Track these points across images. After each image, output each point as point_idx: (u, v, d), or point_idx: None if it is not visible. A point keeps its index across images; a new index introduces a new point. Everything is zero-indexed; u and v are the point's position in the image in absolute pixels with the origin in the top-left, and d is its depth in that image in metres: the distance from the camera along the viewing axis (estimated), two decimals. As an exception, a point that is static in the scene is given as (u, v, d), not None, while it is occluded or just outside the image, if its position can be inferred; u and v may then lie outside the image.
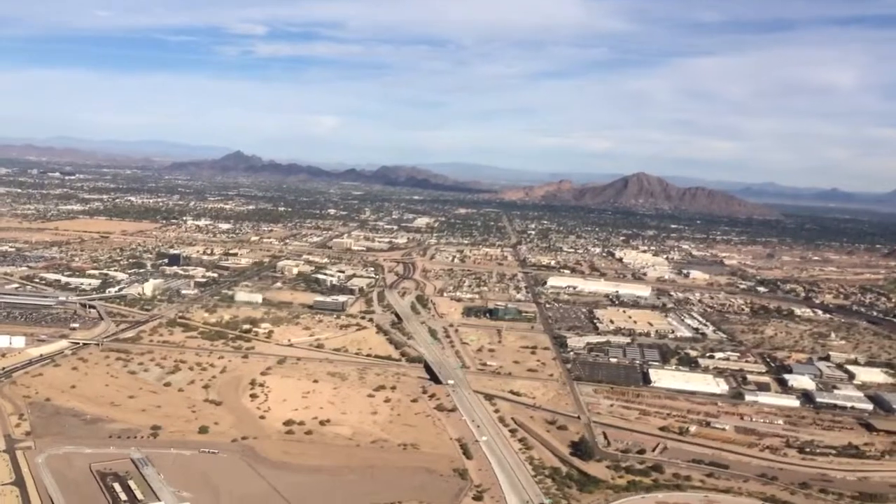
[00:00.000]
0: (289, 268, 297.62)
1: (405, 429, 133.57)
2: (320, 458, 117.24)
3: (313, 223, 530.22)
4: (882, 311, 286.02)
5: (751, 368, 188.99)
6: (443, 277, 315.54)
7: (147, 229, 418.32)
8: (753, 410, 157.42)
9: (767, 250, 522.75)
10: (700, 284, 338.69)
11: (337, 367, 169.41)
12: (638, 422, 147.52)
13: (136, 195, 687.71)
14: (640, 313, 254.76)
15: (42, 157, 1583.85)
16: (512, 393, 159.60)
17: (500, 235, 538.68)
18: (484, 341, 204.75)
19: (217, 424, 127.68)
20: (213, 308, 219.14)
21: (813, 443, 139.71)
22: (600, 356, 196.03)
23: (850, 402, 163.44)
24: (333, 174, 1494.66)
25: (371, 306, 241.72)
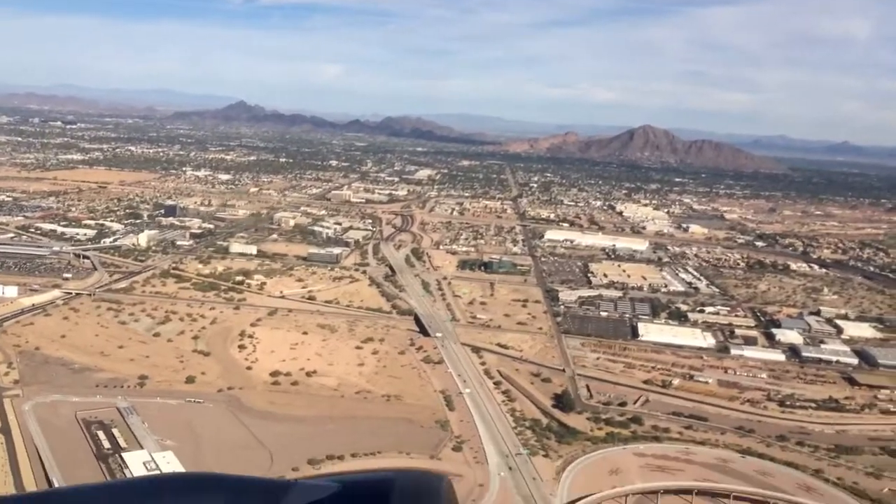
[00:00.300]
0: (285, 220, 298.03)
1: (390, 380, 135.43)
2: (304, 408, 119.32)
3: (314, 175, 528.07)
4: (878, 266, 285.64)
5: (740, 322, 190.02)
6: (440, 230, 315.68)
7: (146, 180, 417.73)
8: (738, 364, 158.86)
9: (770, 205, 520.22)
10: (698, 239, 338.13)
11: (327, 318, 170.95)
12: (622, 375, 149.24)
13: (136, 145, 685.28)
14: (635, 267, 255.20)
15: (44, 106, 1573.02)
16: (499, 346, 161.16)
17: (501, 188, 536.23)
18: (476, 294, 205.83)
19: (204, 374, 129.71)
20: (206, 259, 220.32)
21: (794, 396, 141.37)
22: (591, 310, 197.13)
23: (835, 357, 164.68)
24: (337, 125, 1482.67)
25: (366, 259, 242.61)
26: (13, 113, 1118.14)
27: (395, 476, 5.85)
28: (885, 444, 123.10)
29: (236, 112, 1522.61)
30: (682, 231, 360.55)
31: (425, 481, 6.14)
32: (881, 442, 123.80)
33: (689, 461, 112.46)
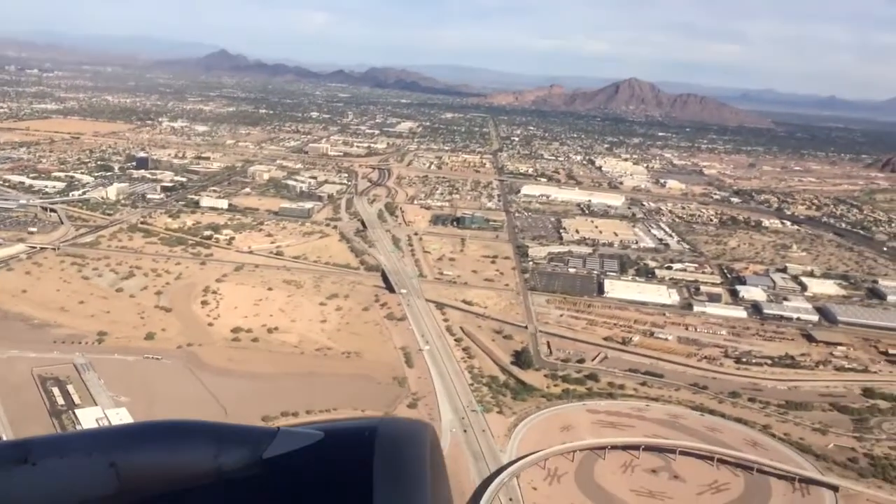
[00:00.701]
0: (259, 173, 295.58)
1: (352, 337, 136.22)
2: (263, 365, 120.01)
3: (293, 127, 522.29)
4: (850, 223, 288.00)
5: (706, 279, 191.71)
6: (416, 184, 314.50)
7: (120, 130, 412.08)
8: (699, 321, 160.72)
9: (750, 160, 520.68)
10: (675, 194, 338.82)
11: (294, 274, 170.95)
12: (584, 332, 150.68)
13: (113, 94, 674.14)
14: (608, 223, 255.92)
15: (22, 53, 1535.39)
16: (464, 302, 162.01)
17: (482, 142, 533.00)
18: (446, 250, 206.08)
19: (164, 331, 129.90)
20: (176, 213, 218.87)
21: (751, 353, 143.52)
22: (560, 266, 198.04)
23: (796, 314, 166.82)
24: (321, 75, 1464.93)
25: (338, 213, 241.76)
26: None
27: (378, 423, 5.86)
28: (835, 400, 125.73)
29: (218, 61, 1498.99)
30: (659, 186, 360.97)
31: (409, 428, 6.15)
32: (832, 398, 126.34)
33: (641, 417, 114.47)
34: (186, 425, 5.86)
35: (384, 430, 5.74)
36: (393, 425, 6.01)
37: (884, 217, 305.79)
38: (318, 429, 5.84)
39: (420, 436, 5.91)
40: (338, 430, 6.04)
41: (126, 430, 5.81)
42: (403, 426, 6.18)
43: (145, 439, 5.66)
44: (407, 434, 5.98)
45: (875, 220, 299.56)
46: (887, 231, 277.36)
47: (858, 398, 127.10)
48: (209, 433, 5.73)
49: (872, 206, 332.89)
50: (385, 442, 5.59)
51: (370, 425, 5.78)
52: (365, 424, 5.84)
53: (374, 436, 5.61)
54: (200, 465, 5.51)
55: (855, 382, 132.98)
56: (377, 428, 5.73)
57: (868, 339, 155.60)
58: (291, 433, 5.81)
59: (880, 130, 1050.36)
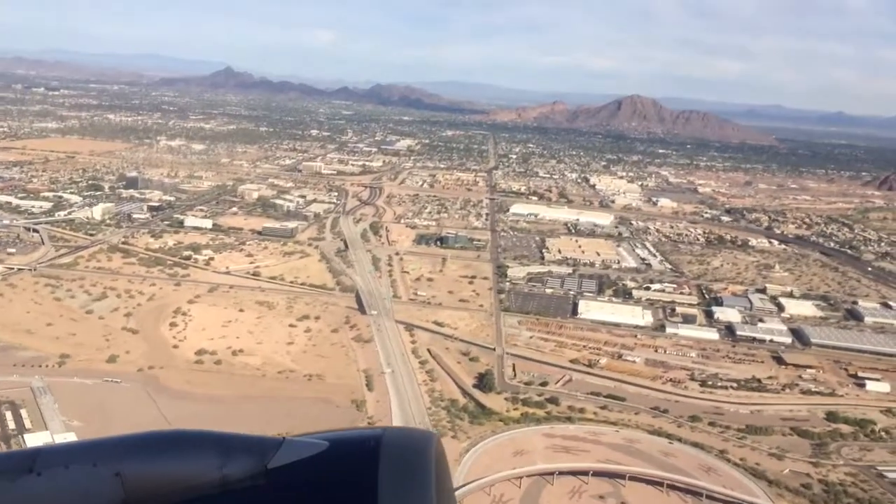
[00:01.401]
0: (249, 192, 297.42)
1: (316, 359, 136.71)
2: (222, 388, 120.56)
3: (290, 145, 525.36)
4: (839, 242, 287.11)
5: (682, 300, 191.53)
6: (406, 203, 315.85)
7: (117, 149, 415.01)
8: (670, 343, 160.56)
9: (747, 178, 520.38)
10: (665, 213, 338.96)
11: (268, 295, 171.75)
12: (552, 354, 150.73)
13: (116, 113, 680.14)
14: (592, 242, 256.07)
15: (31, 71, 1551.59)
16: (435, 323, 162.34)
17: (480, 159, 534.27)
18: (425, 270, 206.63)
19: (128, 353, 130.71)
20: (159, 233, 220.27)
21: (717, 376, 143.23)
22: (537, 287, 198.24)
23: (769, 336, 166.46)
24: (326, 92, 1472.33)
25: (322, 233, 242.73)
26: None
27: (383, 432, 5.84)
28: (797, 424, 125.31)
29: (223, 79, 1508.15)
30: (651, 205, 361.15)
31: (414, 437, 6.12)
32: (793, 422, 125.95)
33: (596, 442, 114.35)
34: (191, 435, 5.90)
35: (389, 440, 5.75)
36: (398, 434, 6.00)
37: (874, 236, 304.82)
38: (322, 438, 5.91)
39: (425, 445, 5.92)
40: (342, 440, 6.06)
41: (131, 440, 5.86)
42: (408, 435, 6.17)
43: (150, 449, 5.72)
44: (412, 443, 5.97)
45: (865, 239, 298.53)
46: (876, 250, 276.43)
47: (821, 422, 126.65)
48: (214, 443, 5.77)
49: (864, 224, 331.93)
50: (390, 451, 5.60)
51: (375, 434, 5.80)
52: (370, 434, 5.86)
53: (378, 445, 5.64)
54: (205, 475, 5.54)
55: (820, 406, 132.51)
56: (382, 437, 5.75)
57: (839, 362, 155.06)
58: (296, 443, 5.86)
59: (885, 147, 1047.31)
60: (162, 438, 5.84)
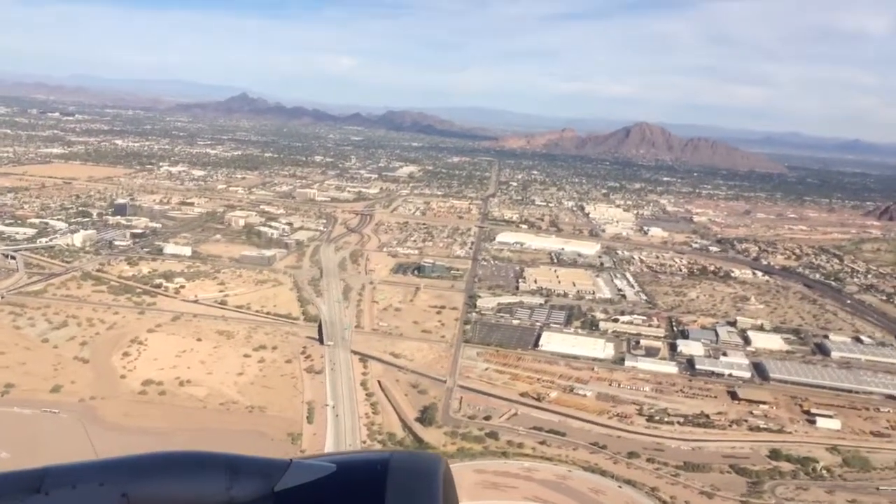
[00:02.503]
0: (236, 219, 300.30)
1: (262, 391, 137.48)
2: (159, 420, 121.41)
3: (291, 171, 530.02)
4: (825, 274, 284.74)
5: (649, 332, 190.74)
6: (393, 231, 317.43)
7: (116, 175, 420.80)
8: (627, 376, 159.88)
9: (747, 206, 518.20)
10: (654, 243, 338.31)
11: (230, 324, 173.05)
12: (504, 387, 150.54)
13: (125, 138, 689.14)
14: (571, 273, 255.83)
15: (51, 96, 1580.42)
16: (392, 354, 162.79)
17: (480, 186, 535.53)
18: (395, 300, 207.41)
19: (74, 383, 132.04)
20: (136, 261, 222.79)
21: (666, 411, 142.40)
22: (505, 317, 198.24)
23: (729, 370, 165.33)
24: (339, 118, 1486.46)
25: (301, 261, 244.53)
26: (16, 103, 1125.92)
27: (390, 456, 5.87)
28: (737, 461, 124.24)
29: (238, 104, 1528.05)
30: (641, 234, 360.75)
31: (422, 461, 6.10)
32: (734, 459, 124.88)
33: (528, 478, 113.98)
34: (199, 456, 5.99)
35: (396, 463, 5.77)
36: (406, 458, 6.02)
37: (863, 268, 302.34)
38: (330, 461, 5.95)
39: (433, 469, 5.89)
40: (350, 463, 6.07)
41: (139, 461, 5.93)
42: (416, 459, 6.19)
43: (158, 470, 5.79)
44: (420, 467, 5.96)
45: (853, 270, 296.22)
46: (861, 283, 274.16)
47: (763, 460, 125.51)
48: (222, 465, 5.81)
49: (856, 256, 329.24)
50: (397, 475, 5.61)
51: (382, 458, 5.85)
52: (377, 457, 5.90)
53: (386, 468, 5.66)
54: (212, 497, 5.57)
55: (765, 443, 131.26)
56: (389, 460, 5.78)
57: (796, 397, 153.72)
58: (304, 465, 5.90)
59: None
60: (169, 459, 5.96)
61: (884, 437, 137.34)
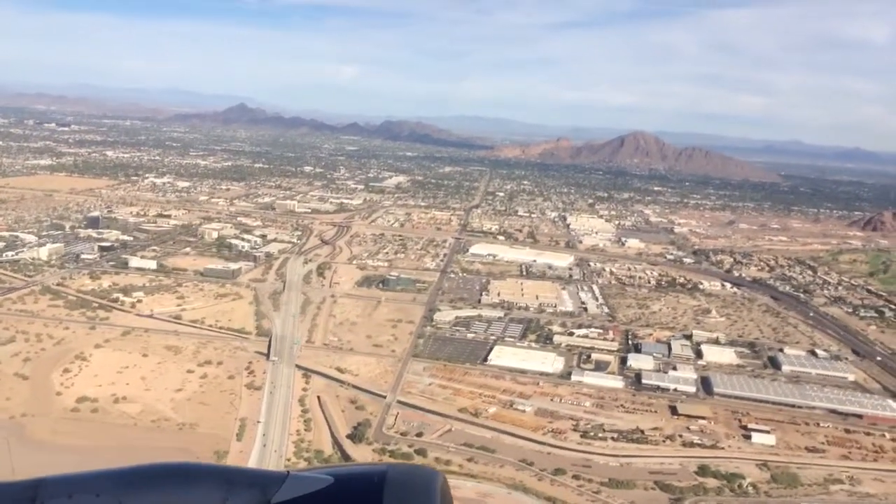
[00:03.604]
0: (209, 232, 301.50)
1: (198, 407, 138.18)
2: (86, 438, 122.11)
3: (277, 182, 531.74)
4: (796, 286, 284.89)
5: (602, 346, 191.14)
6: (367, 243, 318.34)
7: (99, 187, 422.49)
8: (571, 391, 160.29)
9: (732, 217, 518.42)
10: (629, 254, 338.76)
11: (180, 340, 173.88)
12: (444, 402, 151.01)
13: (117, 149, 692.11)
14: (537, 285, 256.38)
15: (52, 106, 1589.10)
16: (338, 369, 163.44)
17: (466, 197, 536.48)
18: (353, 313, 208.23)
19: (8, 400, 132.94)
20: (98, 275, 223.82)
21: (602, 426, 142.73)
22: (461, 331, 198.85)
23: (675, 384, 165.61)
24: (336, 128, 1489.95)
25: (266, 274, 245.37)
26: (14, 113, 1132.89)
27: (387, 469, 5.82)
28: (664, 477, 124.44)
29: (236, 114, 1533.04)
30: (618, 245, 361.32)
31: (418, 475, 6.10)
32: (661, 475, 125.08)
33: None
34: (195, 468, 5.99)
35: (393, 476, 5.72)
36: (402, 471, 5.97)
37: (835, 279, 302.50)
38: (327, 473, 5.98)
39: (429, 483, 5.90)
40: (347, 475, 6.10)
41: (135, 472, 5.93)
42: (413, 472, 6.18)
43: (154, 481, 5.79)
44: (416, 480, 5.96)
45: (824, 282, 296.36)
46: (831, 295, 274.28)
47: (690, 476, 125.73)
48: (218, 476, 5.83)
49: (830, 267, 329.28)
50: (394, 488, 5.60)
51: (379, 471, 5.80)
52: (374, 470, 5.87)
53: (383, 481, 5.64)
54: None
55: (695, 459, 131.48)
56: (386, 473, 5.74)
57: (737, 412, 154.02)
58: (301, 478, 5.94)
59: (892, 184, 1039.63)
60: (165, 471, 5.96)
61: (818, 452, 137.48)
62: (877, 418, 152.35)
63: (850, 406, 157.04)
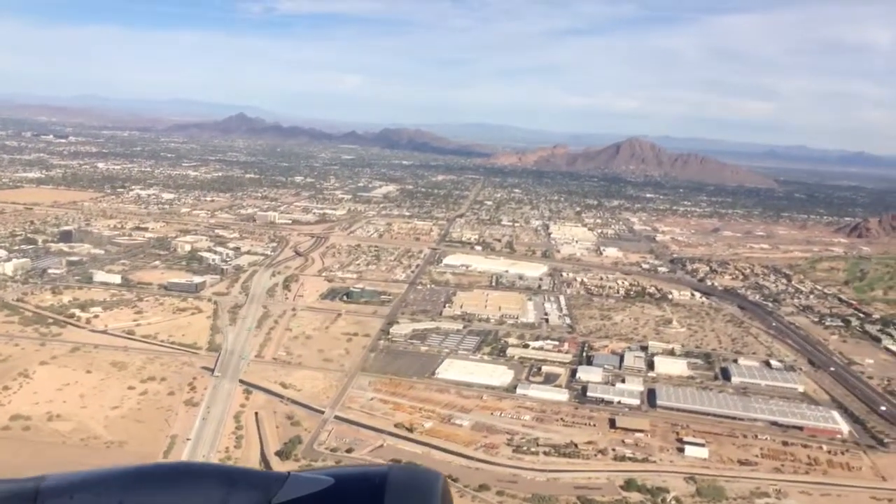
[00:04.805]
0: (181, 244, 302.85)
1: (132, 425, 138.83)
2: (10, 456, 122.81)
3: (264, 192, 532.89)
4: (767, 295, 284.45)
5: (554, 358, 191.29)
6: (341, 254, 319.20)
7: (82, 200, 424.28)
8: (514, 405, 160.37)
9: (718, 224, 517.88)
10: (605, 263, 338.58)
11: (129, 355, 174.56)
12: (382, 417, 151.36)
13: (109, 160, 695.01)
14: (503, 296, 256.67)
15: (53, 118, 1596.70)
16: (281, 385, 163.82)
17: (454, 206, 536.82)
18: (311, 327, 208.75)
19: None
20: (61, 290, 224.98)
21: (537, 441, 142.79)
22: (415, 344, 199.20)
23: (619, 397, 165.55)
24: (335, 136, 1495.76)
25: (231, 287, 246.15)
26: (14, 125, 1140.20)
27: (388, 470, 5.87)
28: (588, 492, 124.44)
29: (236, 124, 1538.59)
30: (597, 254, 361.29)
31: (421, 476, 6.12)
32: (586, 490, 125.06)
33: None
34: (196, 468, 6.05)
35: (395, 478, 5.75)
36: (404, 472, 6.00)
37: (808, 288, 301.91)
38: (327, 474, 5.97)
39: (431, 484, 5.89)
40: (348, 476, 6.07)
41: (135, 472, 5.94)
42: (415, 474, 6.19)
43: (154, 481, 5.78)
44: (418, 482, 5.96)
45: (796, 290, 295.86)
46: (801, 303, 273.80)
47: (615, 490, 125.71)
48: (218, 477, 5.81)
49: (806, 275, 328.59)
50: (396, 489, 5.59)
51: (381, 472, 5.83)
52: (375, 471, 5.87)
53: (384, 483, 5.65)
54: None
55: (623, 473, 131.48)
56: (388, 474, 5.76)
57: (677, 425, 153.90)
58: (302, 479, 5.93)
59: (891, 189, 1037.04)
60: (165, 471, 5.99)
61: (750, 465, 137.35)
62: (817, 430, 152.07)
63: (791, 418, 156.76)
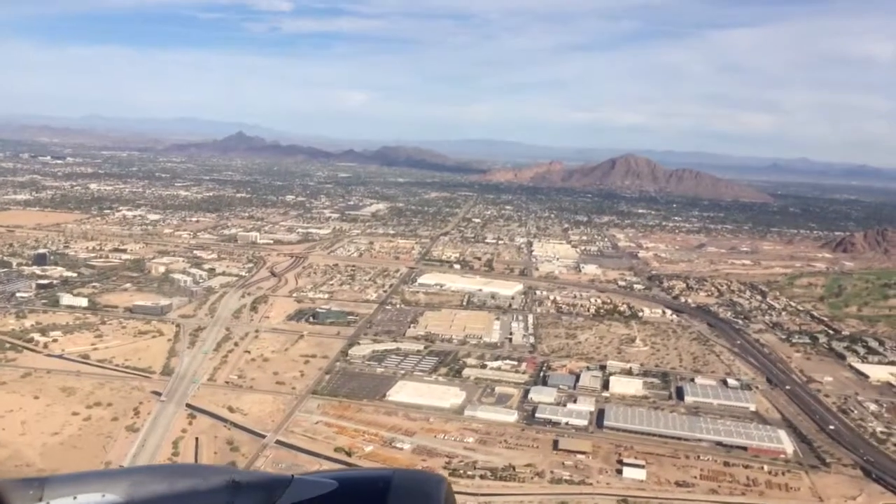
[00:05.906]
0: (156, 266, 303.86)
1: (67, 452, 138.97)
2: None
3: (251, 212, 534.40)
4: (737, 312, 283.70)
5: (509, 378, 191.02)
6: (316, 274, 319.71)
7: (66, 221, 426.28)
8: (460, 427, 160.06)
9: (705, 240, 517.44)
10: (582, 281, 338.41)
11: (80, 380, 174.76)
12: (324, 441, 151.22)
13: (102, 181, 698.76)
14: (471, 316, 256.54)
15: (54, 139, 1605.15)
16: (228, 409, 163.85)
17: (442, 224, 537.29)
18: (270, 349, 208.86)
19: None
20: (26, 314, 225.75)
21: (475, 464, 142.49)
22: (371, 365, 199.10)
23: (567, 418, 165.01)
24: (333, 154, 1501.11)
25: (199, 310, 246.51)
26: (13, 147, 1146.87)
27: (392, 474, 5.96)
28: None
29: (235, 143, 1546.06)
30: (576, 272, 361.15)
31: (423, 480, 6.22)
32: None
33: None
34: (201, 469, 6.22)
35: (398, 481, 5.85)
36: (407, 476, 6.14)
37: (781, 305, 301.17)
38: (332, 477, 6.11)
39: (434, 488, 5.94)
40: (352, 479, 6.21)
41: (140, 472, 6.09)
42: (418, 478, 6.37)
43: (159, 482, 5.89)
44: (421, 486, 6.00)
45: (769, 307, 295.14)
46: (771, 321, 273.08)
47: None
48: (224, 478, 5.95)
49: (781, 291, 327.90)
50: (399, 493, 5.66)
51: (385, 475, 5.95)
52: (379, 474, 6.00)
53: (388, 486, 5.70)
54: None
55: (557, 496, 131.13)
56: (391, 478, 5.88)
57: (621, 446, 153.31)
58: (306, 481, 6.03)
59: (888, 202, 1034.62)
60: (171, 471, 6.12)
61: (686, 486, 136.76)
62: (760, 450, 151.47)
63: (736, 438, 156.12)
